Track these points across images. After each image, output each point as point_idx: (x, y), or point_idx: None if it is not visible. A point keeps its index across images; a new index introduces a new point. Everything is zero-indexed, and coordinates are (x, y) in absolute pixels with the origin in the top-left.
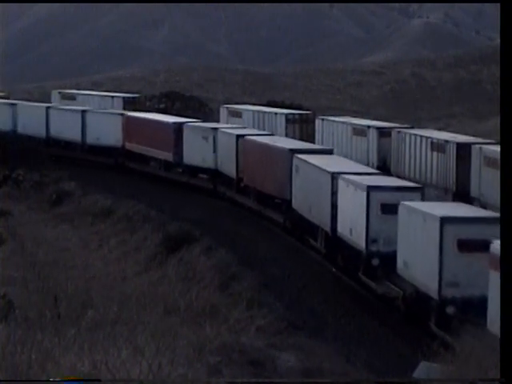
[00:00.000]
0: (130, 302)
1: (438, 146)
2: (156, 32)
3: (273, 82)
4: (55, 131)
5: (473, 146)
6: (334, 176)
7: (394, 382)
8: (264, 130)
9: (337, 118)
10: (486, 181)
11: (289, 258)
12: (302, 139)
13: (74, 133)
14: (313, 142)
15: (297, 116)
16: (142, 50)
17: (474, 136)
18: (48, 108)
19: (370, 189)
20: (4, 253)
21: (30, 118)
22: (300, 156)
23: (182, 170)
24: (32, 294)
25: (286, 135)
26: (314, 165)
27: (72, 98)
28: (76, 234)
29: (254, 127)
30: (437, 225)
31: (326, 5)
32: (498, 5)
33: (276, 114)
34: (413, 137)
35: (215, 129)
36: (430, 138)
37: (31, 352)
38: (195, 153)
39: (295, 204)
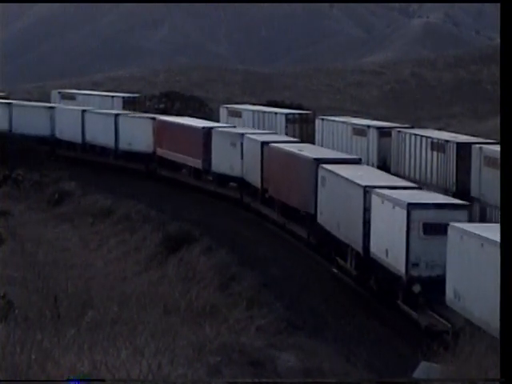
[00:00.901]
0: (130, 302)
1: (438, 146)
2: (156, 32)
3: (273, 81)
4: (90, 136)
5: (473, 146)
6: (367, 190)
7: (393, 382)
8: (264, 129)
9: (337, 118)
10: (486, 181)
11: (289, 258)
12: (301, 139)
13: (107, 138)
14: (313, 142)
15: (297, 116)
16: (141, 50)
17: (474, 136)
18: (84, 112)
19: (411, 207)
20: (4, 253)
21: (67, 122)
22: (326, 166)
23: (212, 179)
24: (32, 294)
25: (286, 135)
26: (342, 176)
27: (72, 97)
28: (76, 234)
29: (253, 127)
30: (497, 250)
31: (326, 5)
32: (498, 5)
33: (276, 113)
34: (413, 137)
35: (242, 134)
36: (430, 137)
37: (31, 352)
38: (223, 160)
39: (321, 219)
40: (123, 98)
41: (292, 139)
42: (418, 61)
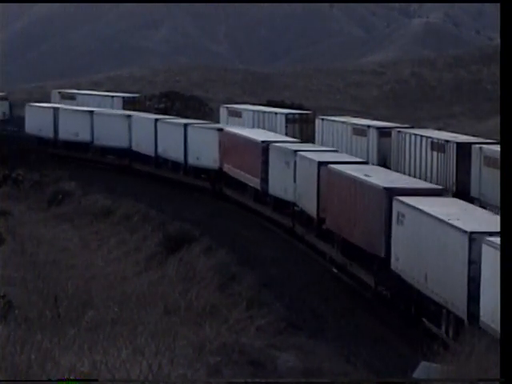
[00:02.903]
0: (130, 302)
1: (438, 146)
2: (156, 32)
3: (273, 82)
4: (162, 149)
5: (473, 146)
6: (474, 238)
7: (393, 381)
8: (264, 129)
9: (337, 118)
10: (486, 181)
11: (289, 258)
12: (301, 139)
13: (177, 151)
14: (313, 142)
15: (297, 116)
16: (141, 50)
17: (474, 136)
18: (156, 121)
19: None
20: (4, 253)
21: (142, 133)
22: (404, 199)
23: (270, 202)
24: (32, 294)
25: (286, 135)
26: (431, 215)
27: (72, 97)
28: (76, 233)
29: (253, 127)
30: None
31: (326, 5)
32: (498, 5)
33: (276, 113)
34: (413, 137)
35: (295, 151)
36: (430, 137)
37: (31, 352)
38: (278, 181)
39: (396, 265)
40: (123, 98)
41: (357, 159)
42: (418, 61)
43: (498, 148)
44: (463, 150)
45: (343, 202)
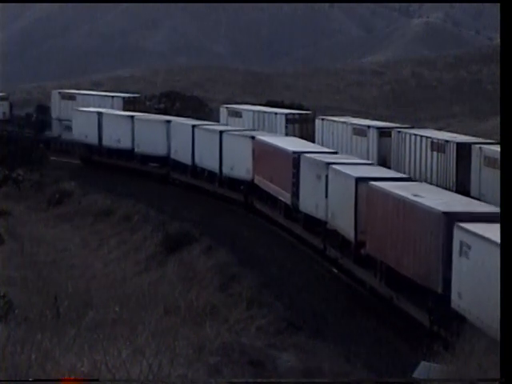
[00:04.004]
0: (130, 302)
1: (438, 146)
2: (156, 32)
3: (273, 82)
4: (198, 157)
5: (473, 146)
6: None
7: (394, 381)
8: (264, 129)
9: (337, 118)
10: (486, 181)
11: (289, 258)
12: (301, 139)
13: (212, 160)
14: (313, 141)
15: (297, 116)
16: (141, 50)
17: (474, 136)
18: (194, 127)
19: None
20: (4, 253)
21: (179, 140)
22: (469, 227)
23: (300, 219)
24: (32, 294)
25: (286, 135)
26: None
27: (72, 98)
28: (76, 234)
29: (253, 127)
30: None
31: (326, 5)
32: (498, 5)
33: (276, 113)
34: (413, 137)
35: (328, 164)
36: (430, 138)
37: (31, 352)
38: (309, 196)
39: (458, 303)
40: (123, 98)
41: (400, 175)
42: (418, 61)
43: (497, 148)
44: (463, 150)
45: (388, 224)
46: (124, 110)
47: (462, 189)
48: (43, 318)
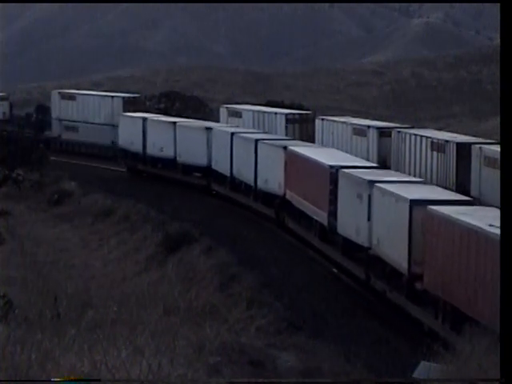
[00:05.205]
0: (129, 302)
1: (438, 146)
2: (156, 32)
3: (273, 82)
4: (236, 168)
5: (473, 146)
6: None
7: (394, 381)
8: (264, 130)
9: (337, 118)
10: (486, 181)
11: (289, 258)
12: (301, 139)
13: (248, 172)
14: (313, 141)
15: (297, 116)
16: (142, 50)
17: (474, 136)
18: (233, 135)
19: None
20: (4, 253)
21: (219, 149)
22: None
23: (338, 243)
24: (32, 294)
25: (286, 135)
26: None
27: (72, 98)
28: (76, 234)
29: (253, 127)
30: None
31: (326, 5)
32: (498, 5)
33: (276, 113)
34: (413, 137)
35: (372, 182)
36: (430, 137)
37: (31, 352)
38: (349, 217)
39: None
40: (123, 98)
41: (462, 197)
42: (418, 61)
43: (498, 148)
44: (463, 150)
45: (454, 257)
46: (124, 110)
47: (462, 189)
48: (43, 318)
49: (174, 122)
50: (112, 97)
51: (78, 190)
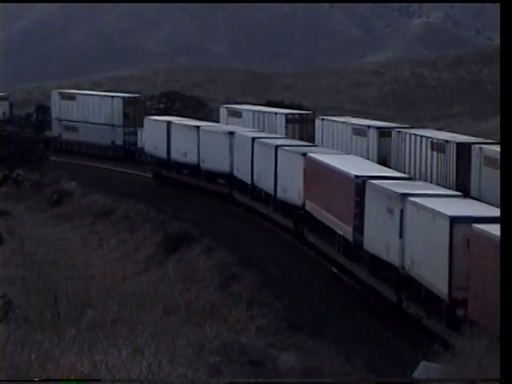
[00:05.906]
0: (129, 302)
1: (438, 146)
2: (156, 32)
3: (273, 82)
4: (257, 176)
5: (473, 146)
6: None
7: (394, 381)
8: (264, 129)
9: (337, 118)
10: (486, 181)
11: (289, 258)
12: (301, 139)
13: (268, 180)
14: (313, 141)
15: (297, 116)
16: (141, 50)
17: (474, 136)
18: (254, 140)
19: None
20: (4, 253)
21: (241, 155)
22: None
23: (364, 260)
24: (32, 294)
25: (286, 135)
26: None
27: (72, 98)
28: (76, 233)
29: (253, 127)
30: None
31: (326, 5)
32: (498, 5)
33: (276, 113)
34: (413, 137)
35: (405, 195)
36: (430, 137)
37: (31, 352)
38: (377, 233)
39: None
40: (123, 98)
41: None
42: (418, 61)
43: (498, 148)
44: (463, 150)
45: None
46: (124, 110)
47: (462, 189)
48: (43, 318)
49: (198, 126)
50: (112, 97)
51: (78, 190)
